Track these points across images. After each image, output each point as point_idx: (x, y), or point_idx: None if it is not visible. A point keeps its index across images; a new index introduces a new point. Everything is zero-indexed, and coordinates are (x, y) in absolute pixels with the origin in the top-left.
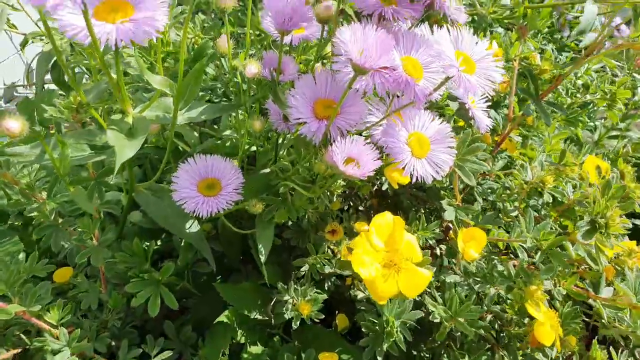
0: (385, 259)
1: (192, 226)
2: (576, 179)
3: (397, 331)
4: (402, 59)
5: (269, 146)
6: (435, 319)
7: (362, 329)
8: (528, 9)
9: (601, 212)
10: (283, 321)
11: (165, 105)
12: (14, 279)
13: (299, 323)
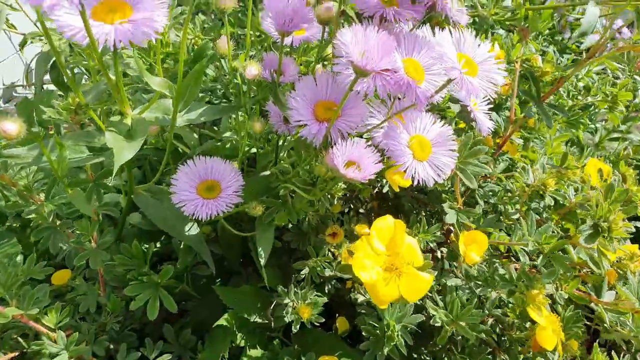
0: (386, 263)
1: (192, 229)
2: (578, 182)
3: (398, 335)
4: (404, 61)
5: (269, 148)
6: (436, 323)
7: (363, 333)
8: (529, 11)
9: (604, 216)
10: (283, 324)
11: (164, 106)
12: (12, 282)
13: (299, 326)
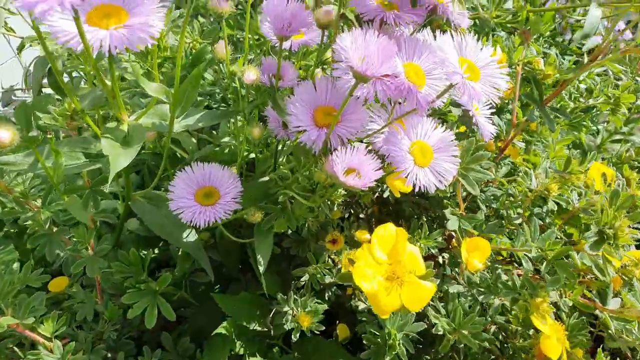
0: (387, 272)
1: (190, 235)
2: (582, 187)
3: (400, 344)
4: (405, 66)
5: (268, 153)
6: (438, 332)
7: (364, 341)
8: (530, 13)
9: (609, 223)
10: (283, 332)
11: (161, 112)
12: (8, 290)
13: (299, 334)
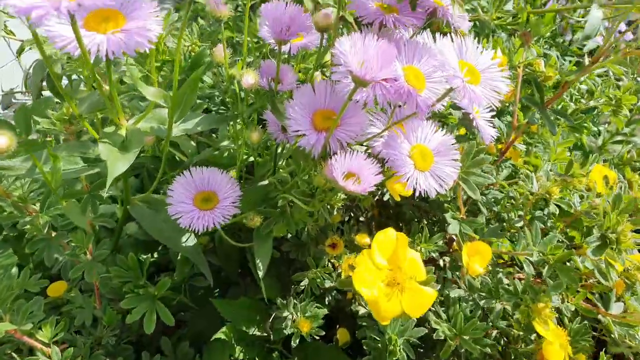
0: (388, 278)
1: (189, 240)
2: (583, 190)
3: (400, 349)
4: (404, 69)
5: (268, 157)
6: (439, 337)
7: (364, 347)
8: (531, 14)
9: (612, 227)
10: (282, 337)
11: (160, 116)
12: (6, 295)
13: (299, 339)
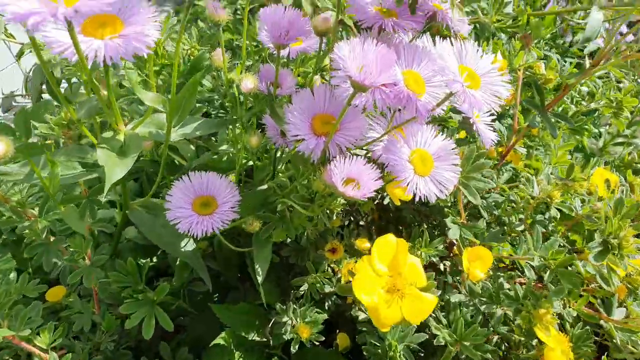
0: (388, 284)
1: (188, 244)
2: (584, 194)
3: (400, 355)
4: (404, 73)
5: (267, 161)
6: (440, 343)
7: (364, 353)
8: (531, 16)
9: (614, 233)
10: (282, 342)
11: (158, 121)
12: (4, 301)
13: (299, 345)
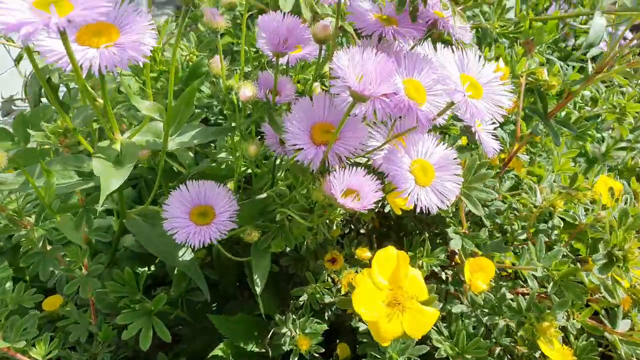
0: (388, 297)
1: (186, 254)
2: (588, 203)
3: None
4: (404, 82)
5: (266, 168)
6: (441, 356)
7: None
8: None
9: (619, 245)
10: (281, 352)
11: (155, 129)
12: (0, 312)
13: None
